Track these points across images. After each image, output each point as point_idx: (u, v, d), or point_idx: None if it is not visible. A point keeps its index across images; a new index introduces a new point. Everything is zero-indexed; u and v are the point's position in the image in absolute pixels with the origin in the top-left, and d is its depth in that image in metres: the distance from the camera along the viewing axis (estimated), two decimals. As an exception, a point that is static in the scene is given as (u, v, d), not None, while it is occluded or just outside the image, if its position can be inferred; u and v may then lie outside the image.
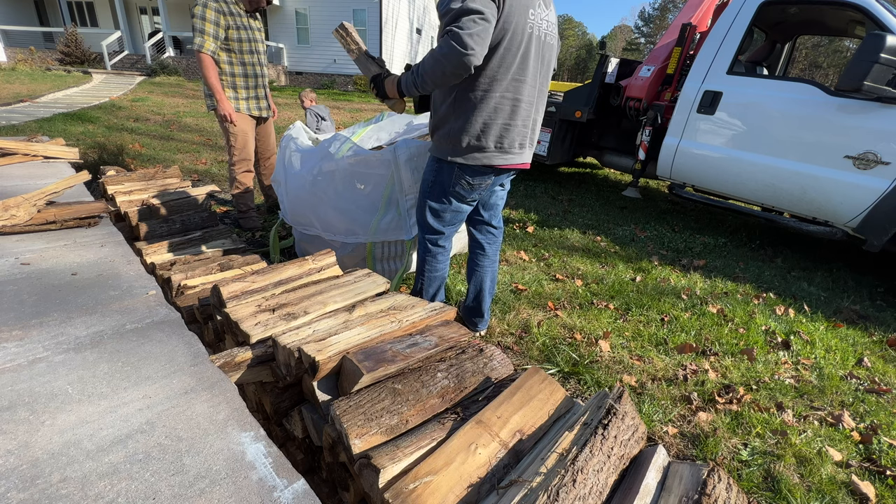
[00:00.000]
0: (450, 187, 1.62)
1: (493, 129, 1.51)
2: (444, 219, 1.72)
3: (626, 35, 60.66)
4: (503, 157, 1.58)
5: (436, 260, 1.80)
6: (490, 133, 1.51)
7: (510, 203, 4.26)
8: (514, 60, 1.44)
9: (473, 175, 1.59)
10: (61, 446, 0.85)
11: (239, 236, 2.92)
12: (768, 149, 3.21)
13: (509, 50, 1.42)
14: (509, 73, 1.45)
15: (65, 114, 6.71)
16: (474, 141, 1.52)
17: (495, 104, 1.48)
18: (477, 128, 1.50)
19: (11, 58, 14.82)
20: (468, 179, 1.60)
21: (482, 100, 1.47)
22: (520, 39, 1.42)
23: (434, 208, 1.69)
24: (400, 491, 0.81)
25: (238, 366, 1.18)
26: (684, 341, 2.14)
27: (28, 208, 1.88)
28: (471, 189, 1.64)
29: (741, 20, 3.36)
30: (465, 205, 1.70)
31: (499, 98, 1.48)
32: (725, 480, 0.93)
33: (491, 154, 1.55)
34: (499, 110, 1.50)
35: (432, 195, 1.67)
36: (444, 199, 1.66)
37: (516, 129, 1.56)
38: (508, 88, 1.48)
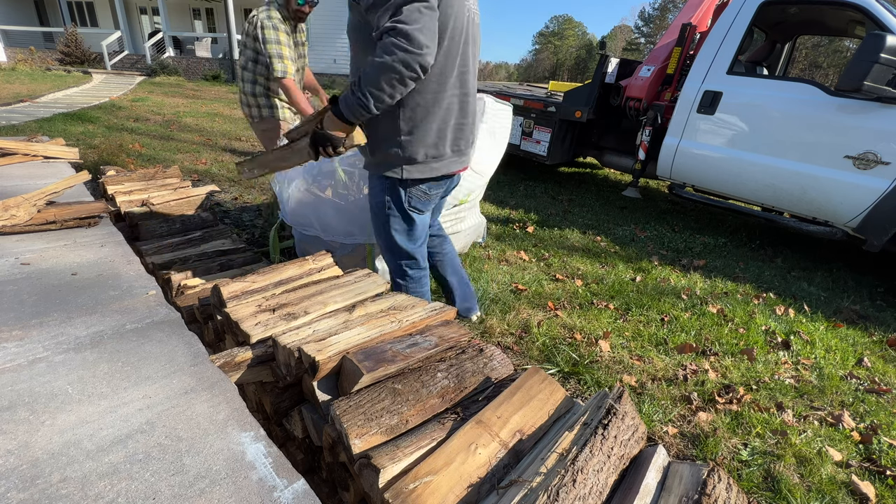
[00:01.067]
0: (409, 204, 1.48)
1: (449, 132, 1.37)
2: (415, 236, 1.58)
3: (626, 35, 60.65)
4: (461, 161, 1.48)
5: (419, 284, 1.69)
6: (446, 137, 1.37)
7: (510, 203, 4.26)
8: (459, 51, 1.27)
9: (431, 185, 1.46)
10: (61, 446, 0.85)
11: (239, 236, 2.92)
12: (768, 149, 3.21)
13: (453, 39, 1.24)
14: (456, 65, 1.28)
15: (65, 114, 6.71)
16: (431, 150, 1.36)
17: (447, 104, 1.32)
18: (433, 135, 1.34)
19: (11, 58, 14.82)
20: (425, 190, 1.46)
21: (434, 102, 1.30)
22: (462, 26, 1.25)
23: (401, 230, 1.55)
24: (400, 491, 0.81)
25: (238, 366, 1.18)
26: (684, 341, 2.14)
27: (28, 208, 1.89)
28: (429, 200, 1.51)
29: (741, 20, 3.36)
30: (428, 214, 1.58)
31: (450, 97, 1.32)
32: (725, 480, 0.93)
33: (449, 160, 1.43)
34: (451, 110, 1.34)
35: (393, 219, 1.51)
36: (408, 219, 1.52)
37: (468, 127, 1.44)
38: (457, 84, 1.32)
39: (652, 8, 56.23)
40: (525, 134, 4.69)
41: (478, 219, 2.81)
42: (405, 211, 1.50)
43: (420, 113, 1.30)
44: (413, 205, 1.49)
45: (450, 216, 2.44)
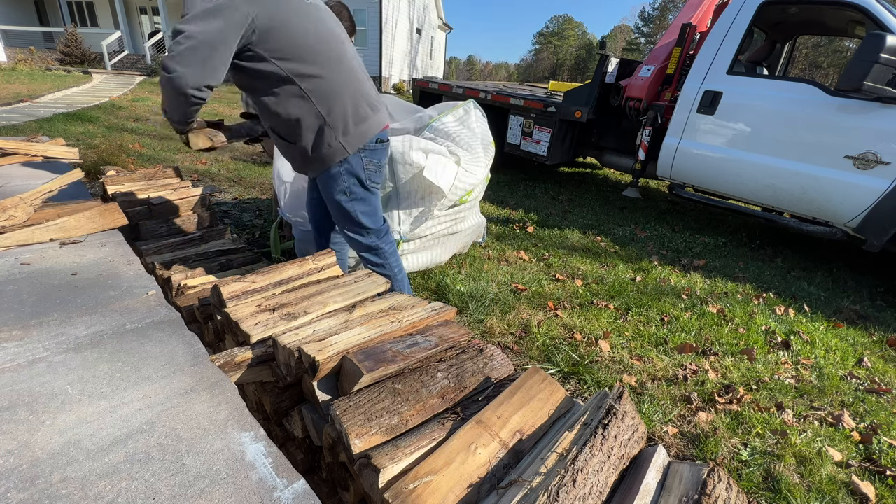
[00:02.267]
0: (370, 180, 1.62)
1: (358, 98, 1.51)
2: (378, 214, 1.72)
3: (626, 35, 60.65)
4: (379, 118, 1.59)
5: (396, 256, 1.81)
6: (358, 104, 1.51)
7: (510, 203, 4.26)
8: (321, 35, 1.41)
9: (374, 153, 1.60)
10: (61, 446, 0.85)
11: (238, 236, 2.92)
12: (768, 149, 3.21)
13: (309, 32, 1.37)
14: (327, 49, 1.43)
15: (65, 114, 6.71)
16: (352, 119, 1.50)
17: (342, 80, 1.47)
18: (347, 107, 1.49)
19: (11, 58, 14.81)
20: (377, 163, 1.62)
21: (330, 90, 1.45)
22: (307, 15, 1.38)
23: (366, 210, 1.67)
24: (400, 491, 0.81)
25: (238, 366, 1.18)
26: (684, 341, 2.14)
27: (25, 208, 1.88)
28: (381, 170, 1.65)
29: (741, 20, 3.36)
30: (380, 190, 1.73)
31: (336, 77, 1.46)
32: (725, 480, 0.93)
33: (371, 121, 1.55)
34: (348, 83, 1.49)
35: (357, 202, 1.64)
36: (370, 198, 1.66)
37: (367, 88, 1.57)
38: (337, 60, 1.46)
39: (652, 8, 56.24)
40: (525, 134, 4.69)
41: (478, 219, 2.81)
42: (367, 190, 1.63)
43: (326, 102, 1.46)
44: (373, 180, 1.64)
45: (450, 216, 2.45)
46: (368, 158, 1.59)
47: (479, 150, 2.36)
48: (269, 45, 1.32)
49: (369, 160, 1.60)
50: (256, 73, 1.38)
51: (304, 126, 1.49)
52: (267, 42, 1.32)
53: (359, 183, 1.61)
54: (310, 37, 1.38)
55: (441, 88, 5.65)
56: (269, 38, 1.32)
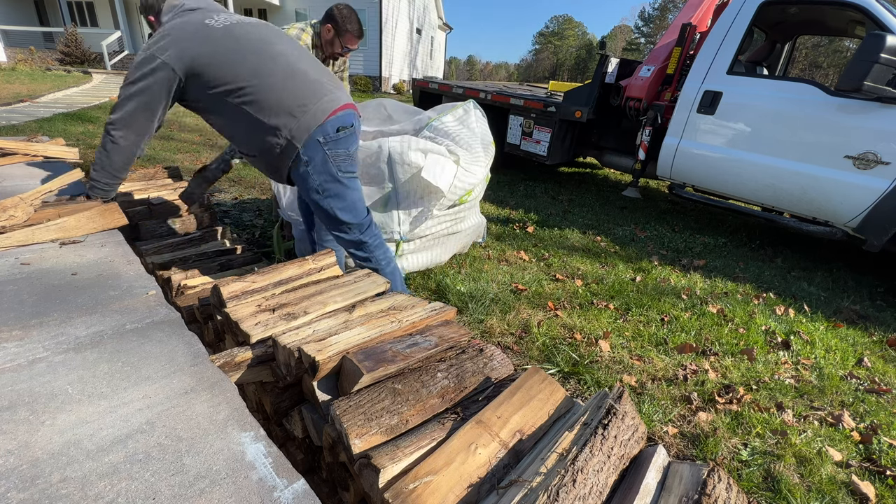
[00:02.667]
0: (340, 171, 1.60)
1: (297, 92, 1.53)
2: (358, 207, 1.69)
3: (626, 35, 60.63)
4: (330, 100, 1.57)
5: (383, 248, 1.79)
6: (297, 97, 1.52)
7: (510, 203, 4.26)
8: (237, 57, 1.48)
9: (337, 143, 1.58)
10: (61, 446, 0.85)
11: (239, 236, 2.92)
12: (768, 149, 3.21)
13: (225, 55, 1.47)
14: (253, 61, 1.49)
15: (65, 114, 6.70)
16: (295, 112, 1.52)
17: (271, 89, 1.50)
18: (281, 105, 1.51)
19: (11, 58, 14.81)
20: (345, 152, 1.60)
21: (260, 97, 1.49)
22: (227, 44, 1.48)
23: (343, 206, 1.65)
24: (400, 491, 0.81)
25: (238, 366, 1.18)
26: (684, 341, 2.14)
27: (25, 208, 1.88)
28: (352, 158, 1.63)
29: (741, 20, 3.36)
30: (357, 181, 1.70)
31: (265, 87, 1.50)
32: (725, 480, 0.93)
33: (318, 105, 1.54)
34: (277, 84, 1.51)
35: (332, 199, 1.63)
36: (344, 190, 1.64)
37: (307, 79, 1.57)
38: (257, 73, 1.50)
39: (652, 8, 56.23)
40: (525, 134, 4.69)
41: (478, 219, 2.81)
42: (340, 183, 1.61)
43: (262, 103, 1.49)
44: (344, 170, 1.61)
45: (450, 216, 2.45)
46: (333, 150, 1.58)
47: (478, 149, 2.36)
48: (198, 87, 1.48)
49: (334, 152, 1.58)
50: (201, 110, 1.56)
51: (253, 136, 1.54)
52: (196, 86, 1.48)
53: (330, 178, 1.60)
54: (231, 60, 1.47)
55: (441, 88, 5.65)
56: (196, 82, 1.47)
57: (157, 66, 1.41)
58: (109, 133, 1.51)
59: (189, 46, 1.43)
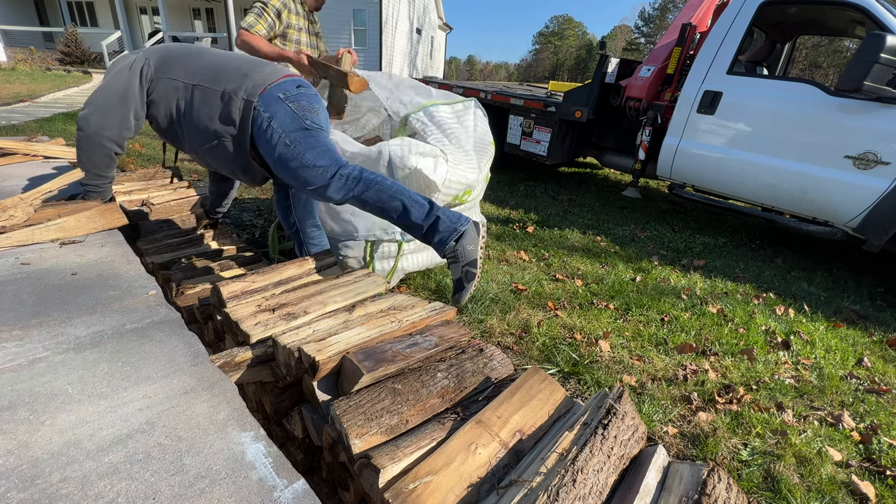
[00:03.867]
0: (302, 118, 1.58)
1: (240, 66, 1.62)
2: (327, 150, 1.58)
3: (626, 35, 60.63)
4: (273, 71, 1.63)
5: (365, 170, 1.59)
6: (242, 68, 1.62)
7: (510, 203, 4.26)
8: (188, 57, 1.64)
9: (298, 97, 1.59)
10: (61, 446, 0.85)
11: (239, 236, 2.92)
12: (768, 149, 3.21)
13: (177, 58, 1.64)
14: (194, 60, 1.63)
15: (65, 114, 6.70)
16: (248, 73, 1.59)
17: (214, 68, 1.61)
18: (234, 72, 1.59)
19: (11, 58, 14.80)
20: (302, 103, 1.59)
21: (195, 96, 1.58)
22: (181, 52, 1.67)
23: (312, 151, 1.55)
24: (400, 491, 0.81)
25: (238, 366, 1.18)
26: (684, 341, 2.14)
27: (25, 208, 1.88)
28: (314, 110, 1.62)
29: (741, 20, 3.36)
30: (325, 128, 1.67)
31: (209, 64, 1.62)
32: (725, 480, 0.93)
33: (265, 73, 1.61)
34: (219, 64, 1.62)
35: (299, 144, 1.55)
36: (309, 136, 1.57)
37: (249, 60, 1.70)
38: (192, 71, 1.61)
39: (652, 8, 56.23)
40: (525, 134, 4.69)
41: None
42: (307, 130, 1.57)
43: (216, 76, 1.58)
44: (311, 120, 1.59)
45: (450, 216, 2.44)
46: (296, 102, 1.58)
47: (468, 147, 2.35)
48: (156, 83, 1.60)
49: (297, 103, 1.58)
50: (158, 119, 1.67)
51: (210, 112, 1.59)
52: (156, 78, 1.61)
53: (297, 128, 1.55)
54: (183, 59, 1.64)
55: (441, 88, 5.65)
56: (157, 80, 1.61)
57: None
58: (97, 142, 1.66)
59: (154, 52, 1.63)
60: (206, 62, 1.63)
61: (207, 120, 1.58)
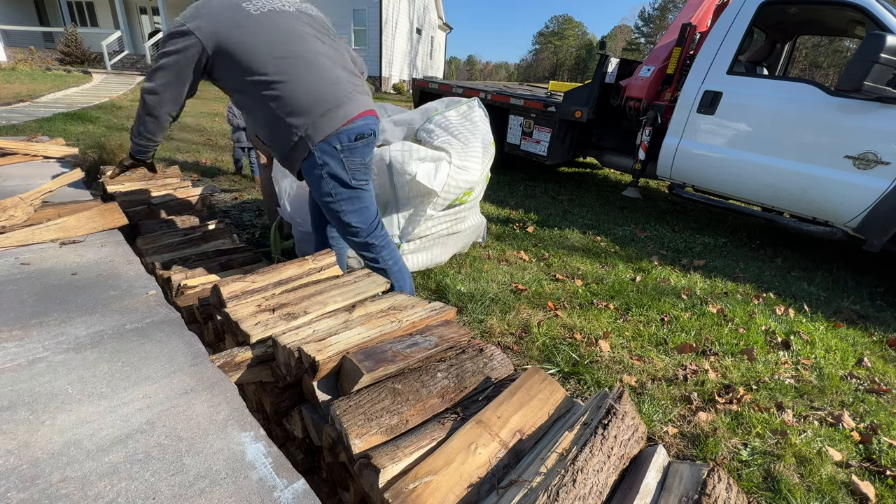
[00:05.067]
0: (354, 179, 1.60)
1: (322, 93, 1.52)
2: (369, 213, 1.70)
3: (626, 35, 60.62)
4: (347, 109, 1.55)
5: (390, 248, 1.79)
6: (318, 101, 1.51)
7: (510, 203, 4.26)
8: (276, 46, 1.46)
9: (354, 152, 1.58)
10: (61, 446, 0.85)
11: (239, 236, 2.92)
12: (768, 149, 3.21)
13: (265, 44, 1.45)
14: (276, 57, 1.47)
15: (65, 114, 6.70)
16: (314, 112, 1.51)
17: (297, 85, 1.49)
18: (303, 106, 1.50)
19: (11, 58, 14.81)
20: (355, 160, 1.59)
21: (284, 92, 1.48)
22: (262, 27, 1.45)
23: (353, 209, 1.66)
24: (400, 491, 0.81)
25: (238, 366, 1.18)
26: (684, 341, 2.14)
27: (25, 208, 1.88)
28: (364, 168, 1.64)
29: (741, 20, 3.36)
30: (370, 188, 1.70)
31: (293, 81, 1.49)
32: (725, 480, 0.93)
33: (338, 111, 1.53)
34: (304, 88, 1.50)
35: (343, 202, 1.63)
36: (356, 197, 1.64)
37: (336, 85, 1.55)
38: (290, 63, 1.48)
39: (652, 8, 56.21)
40: (525, 134, 4.69)
41: (478, 219, 2.81)
42: (352, 189, 1.62)
43: (283, 99, 1.49)
44: (357, 178, 1.62)
45: (450, 216, 2.45)
46: (349, 158, 1.58)
47: (477, 146, 2.35)
48: (224, 67, 1.47)
49: (350, 160, 1.58)
50: (224, 88, 1.56)
51: (270, 128, 1.56)
52: (222, 66, 1.47)
53: (342, 185, 1.60)
54: (261, 50, 1.45)
55: (441, 88, 5.65)
56: (223, 62, 1.46)
57: (186, 41, 1.40)
58: (144, 100, 1.52)
59: (220, 27, 1.42)
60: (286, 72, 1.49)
61: (267, 129, 1.58)
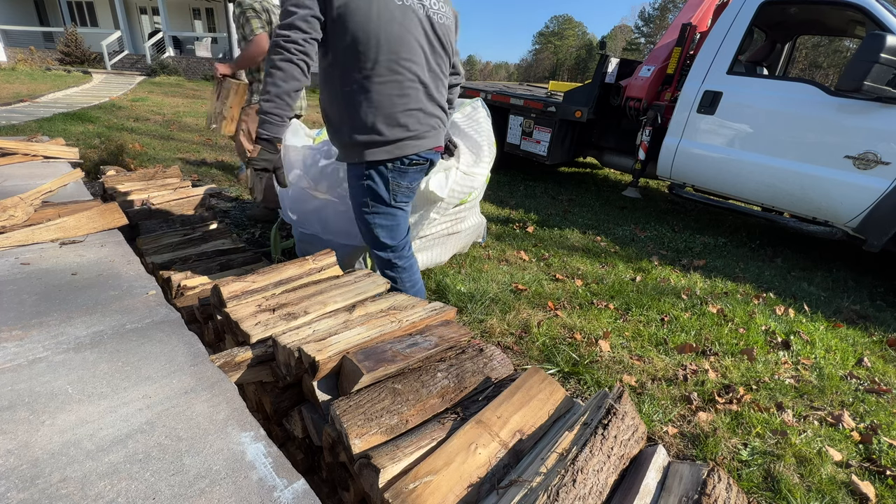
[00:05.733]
0: (390, 199, 1.55)
1: (390, 119, 1.43)
2: (399, 231, 1.65)
3: (626, 35, 60.61)
4: (418, 143, 1.50)
5: (411, 272, 1.73)
6: (389, 122, 1.43)
7: (510, 203, 4.26)
8: (390, 38, 1.36)
9: (404, 176, 1.53)
10: (61, 446, 0.85)
11: (239, 236, 2.92)
12: (768, 149, 3.21)
13: (380, 26, 1.34)
14: (388, 53, 1.37)
15: (65, 114, 6.70)
16: (375, 135, 1.43)
17: (382, 90, 1.40)
18: (371, 120, 1.42)
19: (11, 58, 14.81)
20: (402, 183, 1.54)
21: (366, 90, 1.40)
22: (390, 13, 1.34)
23: (385, 225, 1.61)
24: (400, 491, 0.81)
25: (238, 366, 1.18)
26: (684, 341, 2.14)
27: (25, 208, 1.88)
28: (409, 192, 1.59)
29: (741, 20, 3.36)
30: (409, 210, 1.66)
31: (383, 84, 1.40)
32: (725, 480, 0.93)
33: (403, 143, 1.47)
34: (388, 98, 1.42)
35: (377, 216, 1.59)
36: (392, 215, 1.60)
37: (420, 112, 1.48)
38: (393, 69, 1.39)
39: (652, 8, 56.20)
40: (525, 134, 4.69)
41: (478, 219, 2.81)
42: (389, 206, 1.57)
43: (355, 98, 1.41)
44: (398, 200, 1.57)
45: (450, 216, 2.44)
46: (396, 180, 1.52)
47: (484, 150, 2.37)
48: (335, 33, 1.34)
49: (396, 181, 1.53)
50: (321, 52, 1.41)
51: (334, 113, 1.50)
52: (333, 30, 1.34)
53: (382, 202, 1.55)
54: (371, 42, 1.34)
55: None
56: (335, 28, 1.33)
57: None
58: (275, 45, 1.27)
59: None
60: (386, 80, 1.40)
61: (334, 114, 1.49)
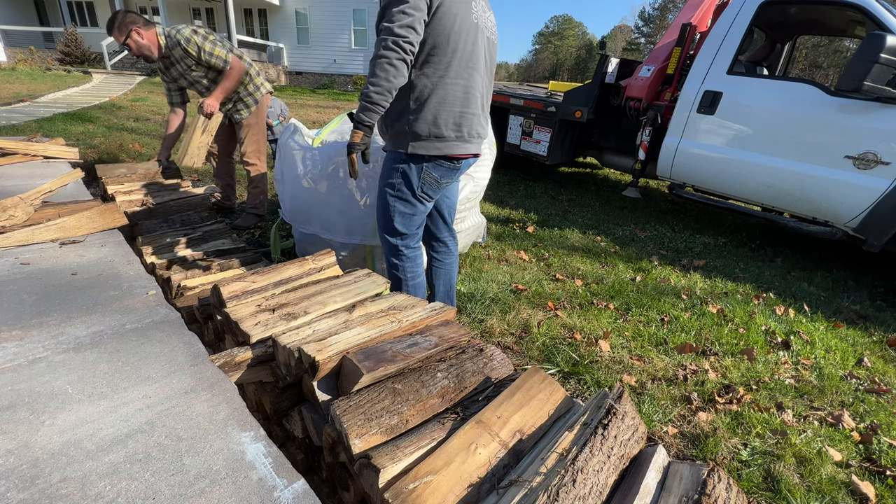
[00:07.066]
0: (421, 190, 1.60)
1: (452, 117, 1.51)
2: (415, 222, 1.68)
3: (626, 35, 60.60)
4: (464, 146, 1.58)
5: (415, 264, 1.76)
6: (449, 121, 1.51)
7: (510, 203, 4.26)
8: (465, 48, 1.47)
9: (438, 169, 1.58)
10: (61, 446, 0.85)
11: (238, 236, 2.92)
12: (768, 149, 3.21)
13: (459, 36, 1.44)
14: (460, 60, 1.47)
15: (65, 114, 6.70)
16: (434, 129, 1.51)
17: (451, 90, 1.49)
18: (435, 114, 1.49)
19: (11, 58, 14.80)
20: (437, 179, 1.59)
21: (438, 86, 1.47)
22: (468, 28, 1.45)
23: (404, 212, 1.64)
24: (400, 491, 0.81)
25: (238, 366, 1.18)
26: (684, 341, 2.14)
27: (25, 208, 1.88)
28: (439, 188, 1.63)
29: (741, 20, 3.35)
30: (431, 204, 1.70)
31: (453, 84, 1.49)
32: (725, 480, 0.93)
33: (452, 143, 1.54)
34: (454, 97, 1.50)
35: (400, 202, 1.62)
36: (413, 205, 1.63)
37: (473, 118, 1.57)
38: (461, 76, 1.49)
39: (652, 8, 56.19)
40: (525, 134, 4.69)
41: (478, 219, 2.81)
42: (415, 197, 1.60)
43: (425, 93, 1.47)
44: (425, 192, 1.61)
45: (450, 216, 2.45)
46: (429, 171, 1.57)
47: (486, 153, 2.38)
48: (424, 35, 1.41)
49: (429, 173, 1.57)
50: None
51: (397, 101, 1.51)
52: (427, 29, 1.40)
53: (409, 189, 1.59)
54: (450, 48, 1.44)
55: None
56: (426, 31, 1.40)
57: None
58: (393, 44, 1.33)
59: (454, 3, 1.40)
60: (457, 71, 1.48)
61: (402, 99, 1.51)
